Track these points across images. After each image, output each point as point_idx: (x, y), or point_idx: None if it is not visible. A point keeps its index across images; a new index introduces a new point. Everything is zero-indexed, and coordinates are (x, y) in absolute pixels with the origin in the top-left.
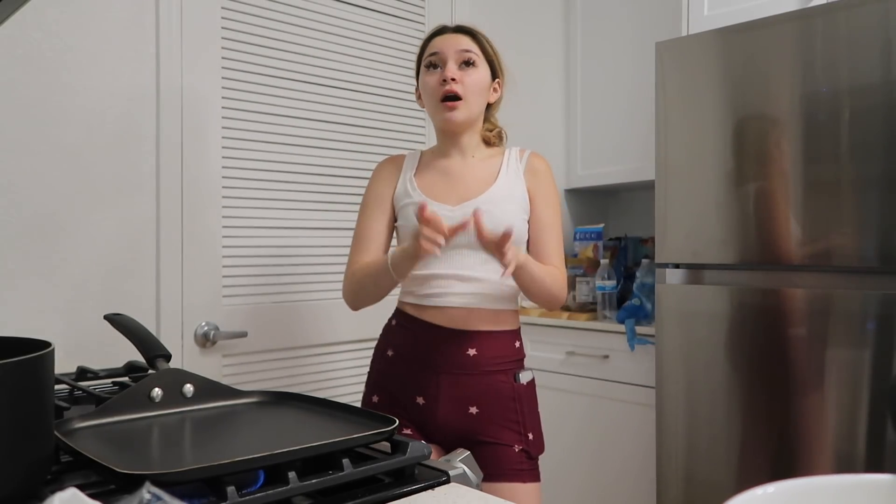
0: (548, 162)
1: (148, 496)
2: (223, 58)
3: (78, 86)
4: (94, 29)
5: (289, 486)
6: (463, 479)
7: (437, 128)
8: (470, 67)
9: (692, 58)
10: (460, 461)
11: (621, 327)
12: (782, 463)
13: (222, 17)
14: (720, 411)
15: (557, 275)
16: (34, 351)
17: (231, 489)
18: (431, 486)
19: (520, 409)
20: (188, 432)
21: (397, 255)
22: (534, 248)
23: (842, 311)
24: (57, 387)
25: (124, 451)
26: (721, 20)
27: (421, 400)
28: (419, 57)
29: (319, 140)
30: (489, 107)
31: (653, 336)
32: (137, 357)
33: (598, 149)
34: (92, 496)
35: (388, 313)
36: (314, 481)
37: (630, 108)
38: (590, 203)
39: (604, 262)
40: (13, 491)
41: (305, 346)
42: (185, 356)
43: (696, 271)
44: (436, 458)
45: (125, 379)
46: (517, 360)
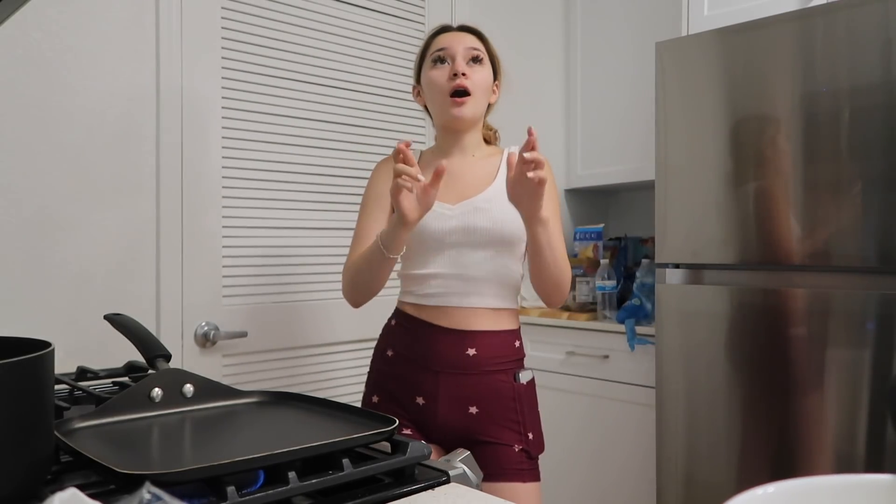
0: (548, 161)
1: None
2: (223, 58)
3: (78, 86)
4: (94, 29)
5: (289, 486)
6: (463, 479)
7: (439, 125)
8: (477, 64)
9: (692, 58)
10: (460, 461)
11: (621, 327)
12: (782, 463)
13: (222, 18)
14: (720, 411)
15: (567, 264)
16: (34, 351)
17: (231, 489)
18: (431, 486)
19: (520, 408)
20: (188, 432)
21: (385, 229)
22: None
23: (842, 311)
24: (57, 387)
25: (124, 451)
26: (721, 20)
27: (421, 400)
28: (422, 54)
29: (319, 140)
30: (488, 107)
31: (653, 336)
32: (137, 357)
33: (598, 149)
34: (92, 496)
35: (388, 313)
36: (314, 481)
37: (630, 108)
38: (590, 203)
39: (604, 262)
40: (13, 491)
41: (305, 346)
42: (185, 356)
43: (696, 271)
44: (436, 458)
45: (125, 379)
46: (517, 359)
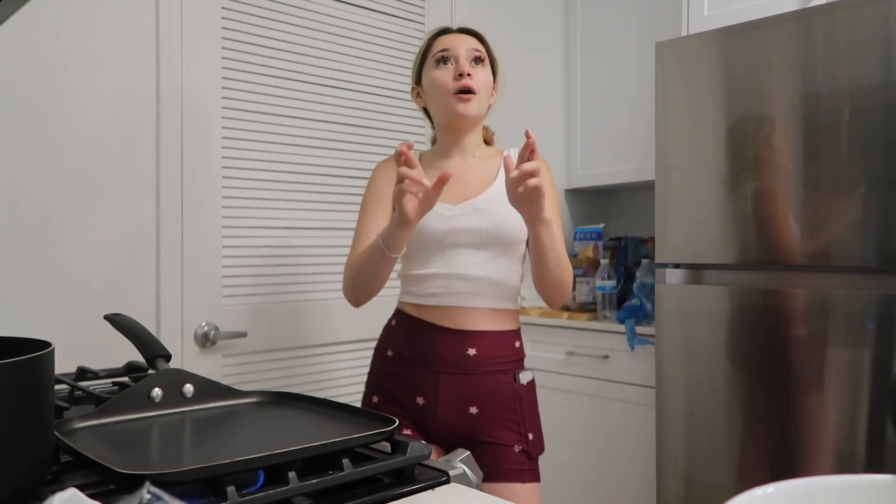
0: (546, 162)
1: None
2: (223, 58)
3: (78, 86)
4: (94, 29)
5: (289, 486)
6: (463, 479)
7: (442, 124)
8: (480, 65)
9: (692, 58)
10: (460, 461)
11: (621, 327)
12: (782, 463)
13: (222, 18)
14: (720, 411)
15: (568, 265)
16: (34, 351)
17: (231, 489)
18: (431, 486)
19: (520, 409)
20: (188, 432)
21: (386, 228)
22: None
23: (842, 311)
24: (57, 387)
25: (124, 451)
26: (721, 20)
27: (421, 400)
28: (422, 55)
29: (319, 140)
30: (487, 109)
31: (653, 336)
32: (137, 357)
33: (598, 149)
34: (92, 496)
35: (388, 313)
36: (314, 481)
37: (630, 108)
38: (590, 203)
39: (604, 262)
40: (13, 491)
41: (305, 346)
42: (185, 356)
43: (696, 271)
44: (436, 459)
45: (125, 379)
46: (517, 360)
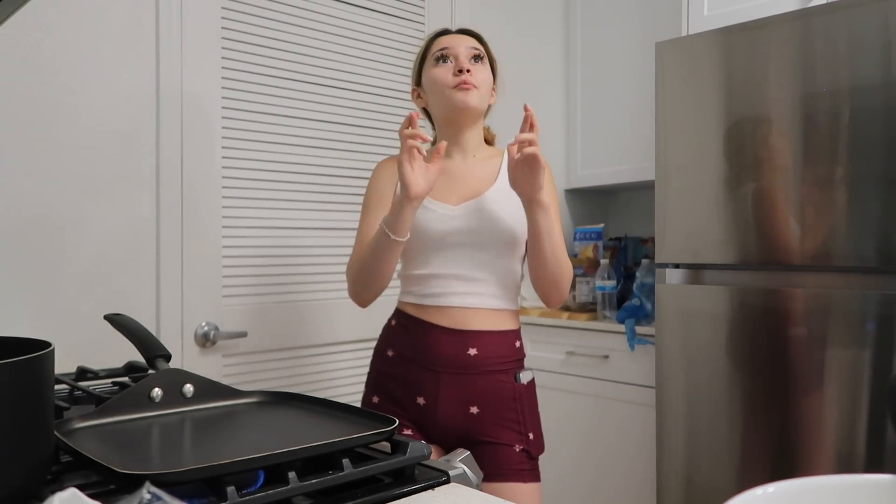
0: (547, 163)
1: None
2: (223, 58)
3: (78, 86)
4: (94, 29)
5: (289, 486)
6: (463, 479)
7: (442, 121)
8: (479, 63)
9: (692, 58)
10: (460, 461)
11: (621, 327)
12: (782, 463)
13: (222, 18)
14: (720, 411)
15: (567, 262)
16: (34, 351)
17: (231, 489)
18: (431, 486)
19: (520, 408)
20: (188, 432)
21: (388, 214)
22: None
23: (842, 311)
24: (57, 387)
25: (124, 451)
26: (721, 20)
27: (421, 400)
28: (422, 56)
29: (319, 140)
30: (487, 109)
31: (653, 336)
32: (137, 357)
33: (598, 149)
34: (92, 496)
35: (388, 313)
36: (314, 481)
37: (630, 108)
38: (590, 203)
39: (604, 262)
40: (13, 491)
41: (305, 346)
42: (185, 356)
43: (696, 271)
44: (436, 459)
45: (125, 379)
46: (517, 359)
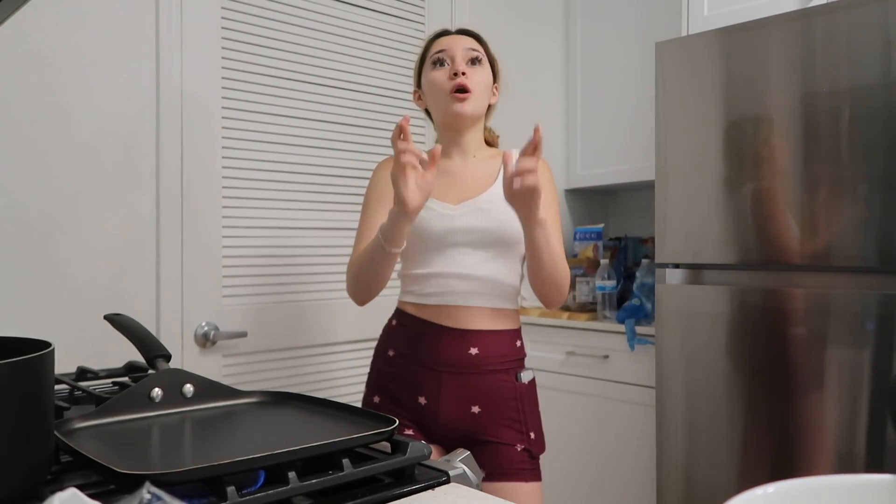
0: (547, 163)
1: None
2: (223, 58)
3: (78, 86)
4: (94, 29)
5: (289, 486)
6: (463, 479)
7: (441, 124)
8: (477, 65)
9: (692, 58)
10: (460, 461)
11: (621, 327)
12: (782, 463)
13: (222, 18)
14: (720, 411)
15: (565, 266)
16: (34, 351)
17: (231, 489)
18: (431, 486)
19: (521, 408)
20: (188, 432)
21: (385, 222)
22: None
23: (842, 311)
24: (57, 387)
25: (124, 451)
26: (721, 20)
27: (422, 399)
28: (421, 58)
29: (319, 140)
30: (488, 109)
31: (653, 336)
32: (137, 357)
33: (598, 149)
34: (92, 496)
35: (389, 313)
36: (314, 481)
37: (630, 108)
38: (590, 203)
39: (604, 262)
40: (13, 491)
41: (305, 346)
42: (185, 356)
43: (696, 271)
44: (437, 458)
45: (125, 379)
46: (518, 359)
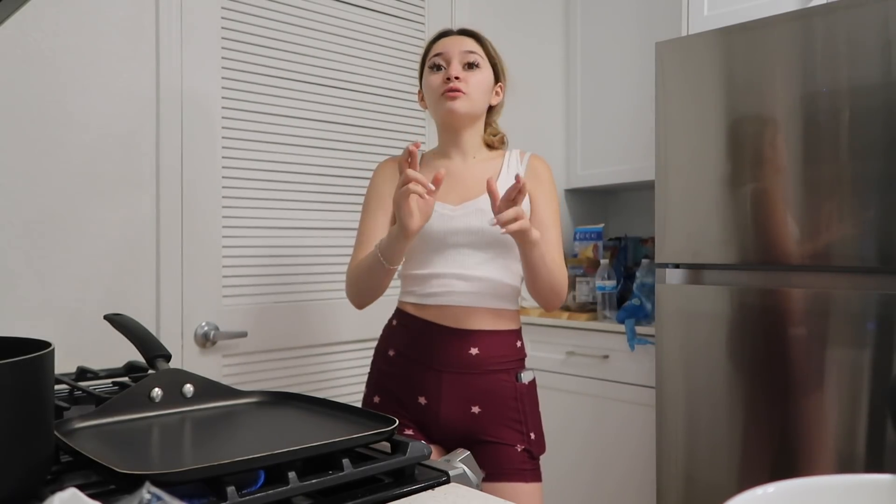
0: (548, 164)
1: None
2: (223, 58)
3: (78, 86)
4: (93, 29)
5: (289, 486)
6: (463, 479)
7: (439, 125)
8: (474, 69)
9: (692, 58)
10: (460, 461)
11: (621, 327)
12: (782, 463)
13: (222, 18)
14: (720, 411)
15: (563, 271)
16: (34, 351)
17: (231, 489)
18: (431, 486)
19: (522, 408)
20: (188, 432)
21: (385, 240)
22: None
23: (842, 311)
24: (57, 387)
25: (124, 451)
26: (721, 20)
27: (423, 399)
28: (423, 59)
29: (319, 140)
30: (491, 110)
31: (653, 336)
32: (137, 357)
33: (598, 149)
34: (92, 496)
35: (389, 313)
36: (314, 481)
37: (630, 108)
38: (590, 203)
39: (604, 262)
40: (13, 491)
41: (305, 346)
42: (185, 356)
43: (696, 271)
44: (437, 458)
45: (125, 379)
46: (519, 359)
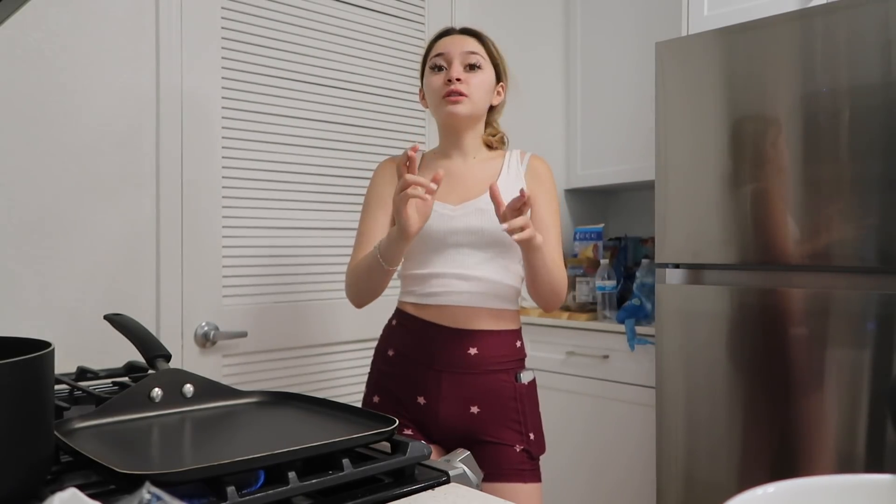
0: (548, 164)
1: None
2: (223, 58)
3: (78, 86)
4: (94, 29)
5: (289, 486)
6: (463, 480)
7: (439, 126)
8: (475, 70)
9: (692, 58)
10: (460, 461)
11: (621, 327)
12: (782, 463)
13: (222, 18)
14: (720, 411)
15: (562, 271)
16: (34, 351)
17: (231, 489)
18: (431, 487)
19: (521, 408)
20: (188, 432)
21: (384, 241)
22: None
23: (842, 311)
24: (57, 387)
25: (124, 451)
26: (721, 20)
27: (422, 399)
28: (424, 59)
29: (319, 140)
30: (492, 109)
31: (653, 336)
32: (137, 357)
33: (598, 149)
34: (92, 496)
35: (389, 313)
36: (314, 481)
37: (630, 108)
38: (590, 203)
39: (604, 262)
40: (13, 491)
41: (305, 346)
42: (185, 356)
43: (696, 271)
44: (437, 458)
45: (125, 379)
46: (518, 359)
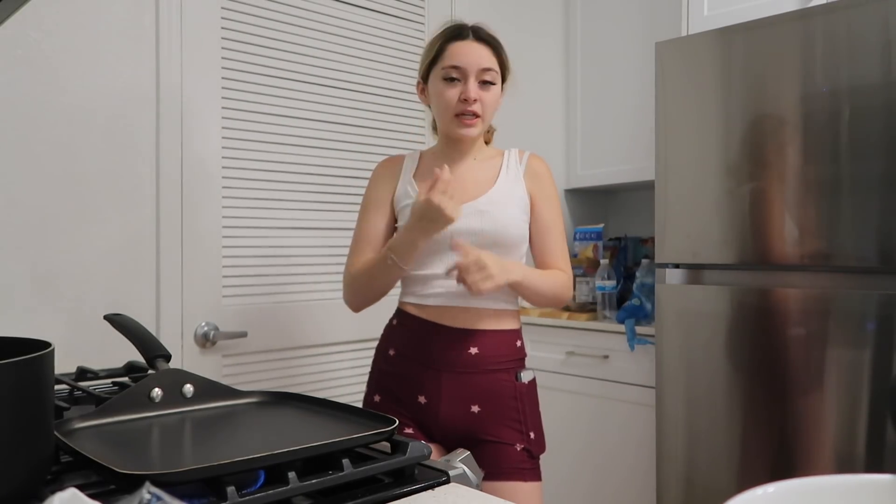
0: (547, 163)
1: (148, 496)
2: (223, 58)
3: (77, 86)
4: (93, 29)
5: (289, 486)
6: (463, 479)
7: (443, 133)
8: (489, 87)
9: (692, 58)
10: (460, 461)
11: (621, 327)
12: (782, 463)
13: (222, 18)
14: (720, 411)
15: (562, 277)
16: (34, 351)
17: (231, 489)
18: (431, 487)
19: (521, 408)
20: (188, 432)
21: (398, 242)
22: (537, 250)
23: (842, 311)
24: (57, 387)
25: (124, 451)
26: (721, 20)
27: (423, 399)
28: (433, 57)
29: (319, 140)
30: None
31: (653, 336)
32: (137, 357)
33: (598, 149)
34: (92, 496)
35: (389, 313)
36: (314, 481)
37: (630, 108)
38: (590, 203)
39: (604, 262)
40: (13, 491)
41: (305, 346)
42: (185, 356)
43: (696, 271)
44: (437, 458)
45: (125, 379)
46: (519, 359)
